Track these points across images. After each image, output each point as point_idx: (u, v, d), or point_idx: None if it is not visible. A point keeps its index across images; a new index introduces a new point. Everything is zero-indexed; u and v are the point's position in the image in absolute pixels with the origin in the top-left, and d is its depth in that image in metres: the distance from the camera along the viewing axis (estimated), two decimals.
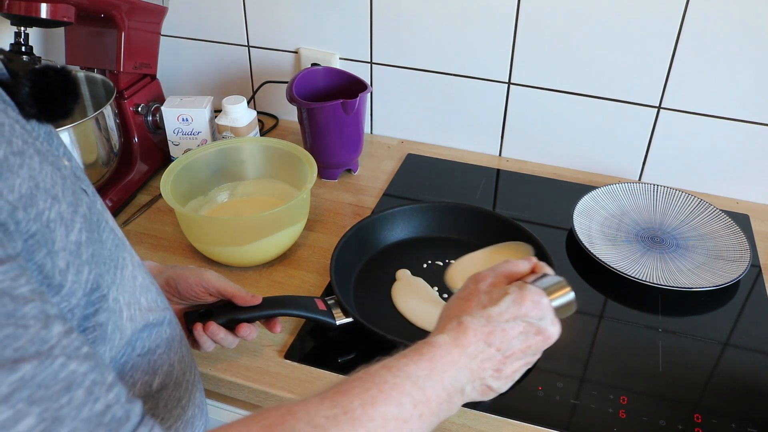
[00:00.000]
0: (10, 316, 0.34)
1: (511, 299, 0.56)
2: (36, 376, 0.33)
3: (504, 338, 0.54)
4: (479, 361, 0.53)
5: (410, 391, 0.48)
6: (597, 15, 1.04)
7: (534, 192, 1.14)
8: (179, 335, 0.60)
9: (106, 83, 1.06)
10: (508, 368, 0.55)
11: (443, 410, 0.51)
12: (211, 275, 0.71)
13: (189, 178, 0.98)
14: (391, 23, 1.16)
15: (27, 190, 0.39)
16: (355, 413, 0.44)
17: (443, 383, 0.51)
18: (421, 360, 0.51)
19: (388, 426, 0.46)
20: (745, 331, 0.87)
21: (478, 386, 0.54)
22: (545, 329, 0.56)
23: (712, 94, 1.05)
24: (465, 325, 0.54)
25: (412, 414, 0.47)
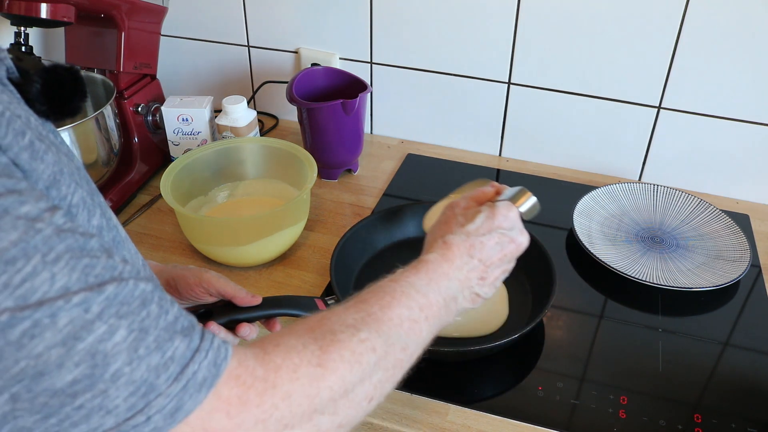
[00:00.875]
0: (83, 248, 0.38)
1: (485, 215, 0.64)
2: (118, 295, 0.38)
3: (483, 249, 0.63)
4: (465, 271, 0.62)
5: (415, 297, 0.56)
6: (597, 15, 1.04)
7: (534, 192, 1.13)
8: None
9: (106, 83, 1.06)
10: (491, 276, 0.64)
11: (443, 315, 0.59)
12: (210, 275, 0.70)
13: (189, 178, 0.98)
14: (391, 23, 1.16)
15: (51, 175, 0.40)
16: (377, 315, 0.53)
17: (439, 290, 0.59)
18: (419, 273, 0.60)
19: (403, 325, 0.54)
20: (745, 331, 0.87)
21: (468, 294, 0.63)
22: (516, 238, 0.65)
23: (712, 94, 1.05)
24: (449, 242, 0.63)
25: (419, 316, 0.56)
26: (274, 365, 0.44)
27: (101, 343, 0.37)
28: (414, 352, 0.55)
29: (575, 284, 0.94)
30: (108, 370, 0.37)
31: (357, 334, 0.49)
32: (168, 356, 0.39)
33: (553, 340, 0.85)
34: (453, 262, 0.62)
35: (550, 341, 0.84)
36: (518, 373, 0.80)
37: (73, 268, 0.37)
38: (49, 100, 0.45)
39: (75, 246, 0.37)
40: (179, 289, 0.70)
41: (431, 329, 0.57)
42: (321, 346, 0.47)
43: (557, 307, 0.89)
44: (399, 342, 0.53)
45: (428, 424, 0.73)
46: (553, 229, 1.04)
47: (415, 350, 0.55)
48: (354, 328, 0.50)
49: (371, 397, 0.50)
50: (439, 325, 0.59)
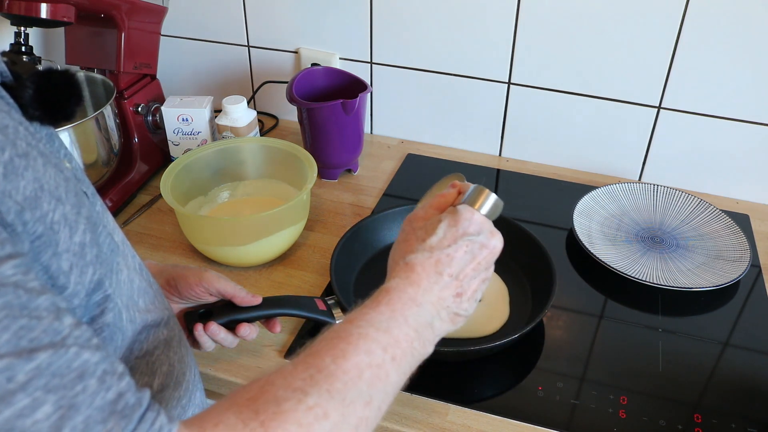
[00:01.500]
0: (24, 307, 0.34)
1: (446, 224, 0.57)
2: (51, 365, 0.34)
3: (452, 263, 0.55)
4: (436, 292, 0.55)
5: (375, 336, 0.50)
6: (597, 15, 1.04)
7: (534, 192, 1.14)
8: (178, 335, 0.60)
9: (106, 83, 1.06)
10: (467, 289, 0.57)
11: (416, 348, 0.52)
12: (211, 275, 0.71)
13: (189, 178, 0.98)
14: (391, 23, 1.16)
15: (32, 192, 0.39)
16: (329, 369, 0.46)
17: (407, 322, 0.52)
18: (380, 306, 0.53)
19: (364, 375, 0.47)
20: (745, 331, 0.87)
21: (446, 316, 0.56)
22: (487, 242, 0.57)
23: (712, 94, 1.05)
24: (411, 263, 0.56)
25: (384, 358, 0.49)
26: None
27: (19, 419, 0.33)
28: (382, 402, 0.49)
29: (575, 284, 0.94)
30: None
31: (304, 401, 0.43)
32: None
33: (553, 340, 0.85)
34: (419, 284, 0.54)
35: (550, 341, 0.84)
36: (518, 373, 0.80)
37: (5, 329, 0.33)
38: (43, 105, 0.45)
39: (15, 303, 0.34)
40: (179, 288, 0.70)
41: (402, 369, 0.51)
42: (263, 421, 0.41)
43: (557, 307, 0.89)
44: (360, 398, 0.46)
45: (428, 424, 0.73)
46: (553, 229, 1.04)
47: (383, 400, 0.49)
48: (301, 392, 0.44)
49: None
50: (415, 361, 0.53)
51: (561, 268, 0.93)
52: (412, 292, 0.54)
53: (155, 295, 0.58)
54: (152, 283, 0.59)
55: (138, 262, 0.57)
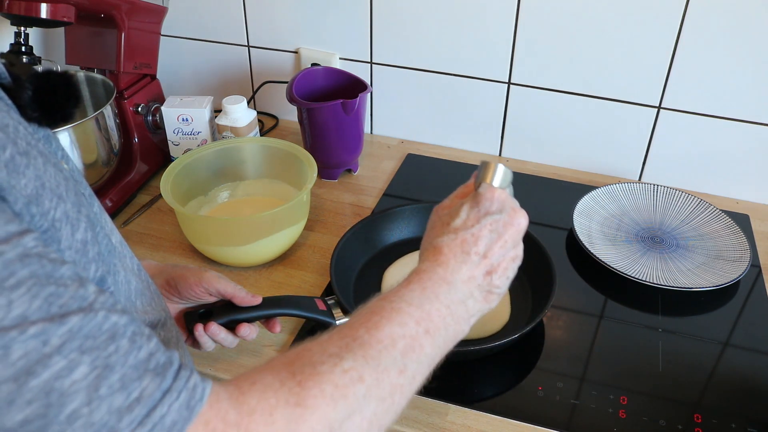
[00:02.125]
0: (50, 276, 0.35)
1: (468, 207, 0.59)
2: (83, 328, 0.35)
3: (478, 242, 0.57)
4: (465, 271, 0.56)
5: (408, 311, 0.51)
6: (597, 15, 1.04)
7: (534, 192, 1.14)
8: (175, 337, 0.60)
9: (106, 83, 1.06)
10: (498, 267, 0.58)
11: (449, 324, 0.53)
12: (210, 275, 0.71)
13: (189, 178, 0.98)
14: (391, 23, 1.16)
15: (33, 190, 0.39)
16: (363, 339, 0.47)
17: (438, 298, 0.54)
18: (411, 284, 0.55)
19: (398, 344, 0.49)
20: (745, 331, 0.87)
21: (479, 295, 0.57)
22: (511, 220, 0.58)
23: (712, 94, 1.05)
24: (438, 246, 0.57)
25: (417, 330, 0.50)
26: (248, 408, 0.40)
27: (58, 380, 0.34)
28: (417, 372, 0.50)
29: (575, 284, 0.94)
30: (63, 411, 0.33)
31: (340, 364, 0.45)
32: (134, 397, 0.36)
33: (553, 340, 0.85)
34: (447, 264, 0.56)
35: (550, 341, 0.84)
36: (518, 373, 0.80)
37: (35, 296, 0.34)
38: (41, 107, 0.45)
39: (40, 272, 0.35)
40: (179, 288, 0.70)
41: (437, 343, 0.52)
42: (299, 381, 0.43)
43: (557, 307, 0.89)
44: (394, 365, 0.48)
45: (428, 424, 0.73)
46: (553, 229, 1.04)
47: (417, 370, 0.50)
48: (337, 357, 0.45)
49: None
50: (450, 337, 0.54)
51: (561, 268, 0.93)
52: (441, 271, 0.56)
53: (152, 296, 0.58)
54: (149, 285, 0.59)
55: (136, 264, 0.57)
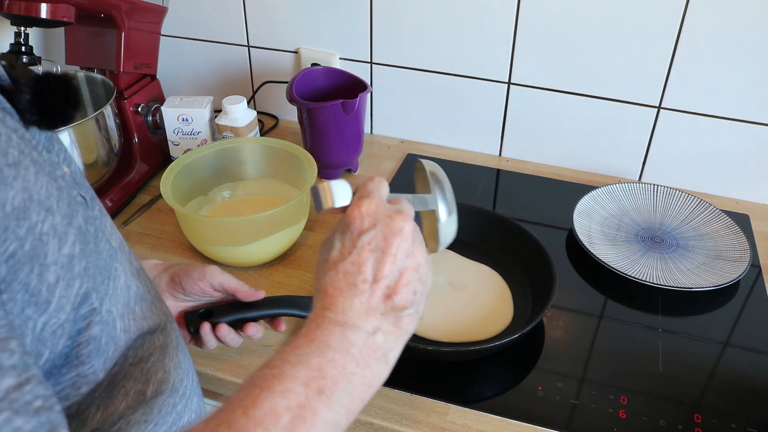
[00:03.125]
0: None
1: (339, 234, 0.51)
2: None
3: (362, 268, 0.48)
4: (359, 305, 0.48)
5: (292, 373, 0.43)
6: (597, 15, 1.04)
7: (534, 192, 1.14)
8: (175, 341, 0.59)
9: (106, 83, 1.06)
10: (397, 285, 0.49)
11: (353, 373, 0.45)
12: (213, 269, 0.71)
13: (189, 178, 0.98)
14: (391, 23, 1.16)
15: (20, 203, 0.38)
16: (239, 423, 0.40)
17: (331, 347, 0.45)
18: (298, 341, 0.47)
19: (282, 420, 0.41)
20: (745, 331, 0.87)
21: (387, 325, 0.48)
22: (390, 229, 0.49)
23: (712, 94, 1.05)
24: (321, 287, 0.50)
25: (306, 394, 0.42)
26: None
27: None
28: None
29: (575, 284, 0.94)
30: None
31: None
32: None
33: (553, 340, 0.85)
34: (335, 306, 0.48)
35: (550, 341, 0.84)
36: (518, 373, 0.80)
37: None
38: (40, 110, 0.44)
39: None
40: (183, 284, 0.70)
41: (338, 401, 0.44)
42: None
43: (557, 307, 0.89)
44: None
45: (428, 424, 0.73)
46: (553, 229, 1.04)
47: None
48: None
49: None
50: (359, 386, 0.45)
51: (561, 268, 0.93)
52: (330, 315, 0.48)
53: (153, 300, 0.57)
54: (150, 288, 0.58)
55: (136, 267, 0.57)
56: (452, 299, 0.88)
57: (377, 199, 0.51)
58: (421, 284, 0.50)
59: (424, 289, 0.51)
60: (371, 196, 0.51)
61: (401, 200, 0.53)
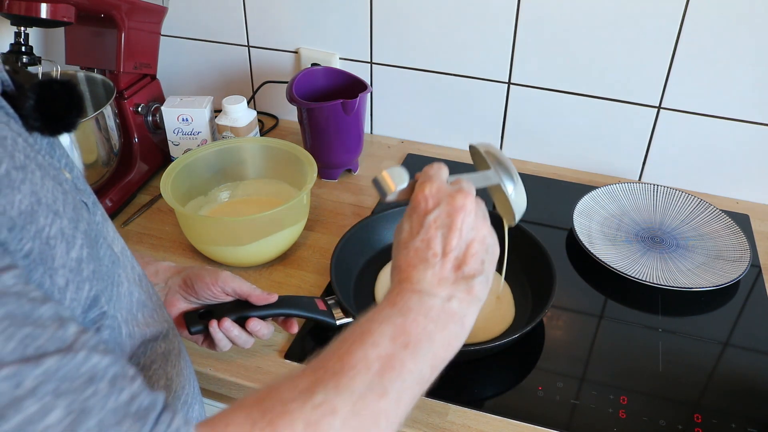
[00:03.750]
0: (28, 316, 0.34)
1: (407, 217, 0.56)
2: (59, 370, 0.34)
3: (431, 244, 0.53)
4: (431, 276, 0.52)
5: (380, 329, 0.48)
6: (597, 15, 1.04)
7: (534, 192, 1.14)
8: (177, 348, 0.59)
9: (106, 83, 1.06)
10: (465, 256, 0.54)
11: (433, 332, 0.50)
12: (226, 275, 0.71)
13: (189, 178, 0.98)
14: (391, 23, 1.16)
15: (28, 206, 0.38)
16: (335, 368, 0.45)
17: (412, 310, 0.50)
18: (380, 307, 0.52)
19: (372, 367, 0.46)
20: (745, 331, 0.87)
21: (460, 293, 0.53)
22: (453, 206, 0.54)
23: (712, 94, 1.05)
24: (397, 266, 0.55)
25: (393, 347, 0.47)
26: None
27: (30, 425, 0.32)
28: (402, 391, 0.46)
29: (575, 284, 0.94)
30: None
31: (311, 400, 0.42)
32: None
33: (553, 340, 0.85)
34: (411, 278, 0.53)
35: (550, 341, 0.84)
36: (518, 373, 0.80)
37: (10, 337, 0.33)
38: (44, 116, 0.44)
39: (17, 312, 0.34)
40: (196, 288, 0.71)
41: (421, 356, 0.48)
42: (270, 420, 0.41)
43: (557, 307, 0.89)
44: (372, 390, 0.44)
45: (428, 424, 0.73)
46: (553, 229, 1.04)
47: (402, 389, 0.46)
48: (307, 392, 0.43)
49: None
50: (439, 345, 0.50)
51: (561, 268, 0.93)
52: (408, 286, 0.52)
53: (154, 307, 0.57)
54: (152, 295, 0.58)
55: (138, 273, 0.57)
56: None
57: (438, 181, 0.56)
58: (487, 254, 0.55)
59: (491, 259, 0.56)
60: (432, 179, 0.56)
61: (461, 180, 0.57)
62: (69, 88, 0.47)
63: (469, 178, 0.59)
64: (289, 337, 0.83)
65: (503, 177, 0.61)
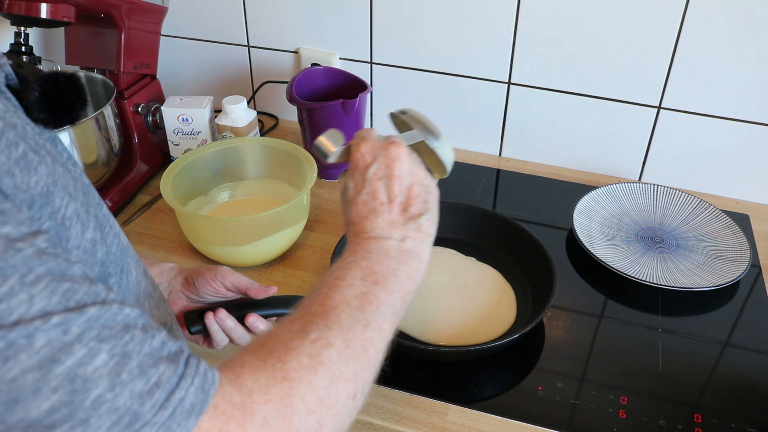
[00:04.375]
0: (64, 273, 0.36)
1: (349, 176, 0.61)
2: (100, 318, 0.36)
3: (376, 194, 0.58)
4: (382, 222, 0.58)
5: (350, 273, 0.53)
6: (597, 15, 1.04)
7: (534, 192, 1.14)
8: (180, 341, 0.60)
9: (106, 83, 1.06)
10: (409, 198, 0.59)
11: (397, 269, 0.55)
12: (225, 269, 0.73)
13: (189, 178, 0.98)
14: (391, 23, 1.16)
15: (44, 188, 0.39)
16: (319, 311, 0.50)
17: (372, 252, 0.55)
18: (343, 257, 0.56)
19: (352, 304, 0.50)
20: (745, 331, 0.87)
21: (411, 232, 0.58)
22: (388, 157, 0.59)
23: (712, 94, 1.05)
24: (349, 220, 0.60)
25: (364, 286, 0.52)
26: (247, 389, 0.42)
27: (81, 367, 0.35)
28: (382, 321, 0.51)
29: (575, 284, 0.94)
30: (88, 397, 0.34)
31: (307, 336, 0.47)
32: (153, 382, 0.37)
33: (553, 340, 0.85)
34: (364, 227, 0.58)
35: (550, 341, 0.84)
36: (518, 373, 0.80)
37: (53, 291, 0.35)
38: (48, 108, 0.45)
39: (56, 270, 0.36)
40: (197, 285, 0.72)
41: (391, 289, 0.54)
42: (279, 357, 0.44)
43: (557, 307, 0.89)
44: (356, 323, 0.49)
45: (428, 424, 0.73)
46: (553, 229, 1.04)
47: (382, 319, 0.51)
48: (302, 332, 0.47)
49: (353, 394, 0.47)
50: (404, 277, 0.55)
51: (561, 268, 0.93)
52: (363, 234, 0.57)
53: (158, 300, 0.58)
54: (155, 288, 0.59)
55: (142, 267, 0.57)
56: (454, 299, 0.88)
57: (371, 139, 0.61)
58: (428, 194, 0.61)
59: (433, 198, 0.61)
60: (366, 138, 0.61)
61: (391, 136, 0.62)
62: (73, 81, 0.47)
63: (397, 137, 0.63)
64: None
65: (426, 133, 0.67)
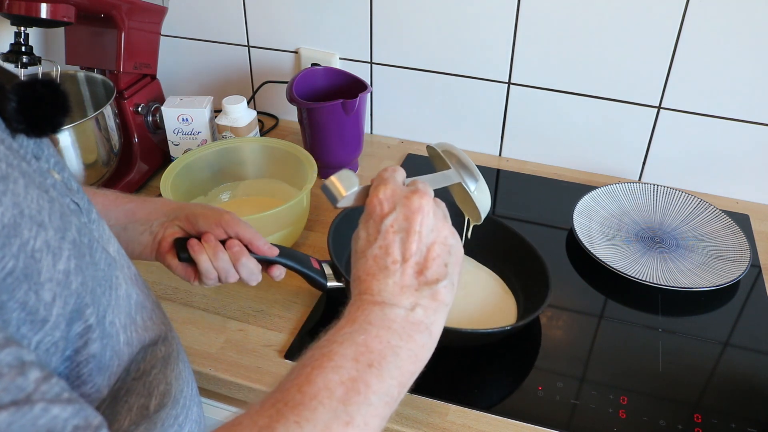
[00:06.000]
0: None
1: (363, 224, 0.53)
2: (13, 424, 0.31)
3: (389, 251, 0.50)
4: (392, 284, 0.49)
5: (341, 351, 0.45)
6: (597, 15, 1.04)
7: (534, 192, 1.14)
8: (176, 350, 0.58)
9: (106, 83, 1.06)
10: (427, 260, 0.51)
11: (399, 346, 0.47)
12: (231, 217, 0.68)
13: (189, 178, 0.98)
14: (391, 23, 1.16)
15: (10, 219, 0.36)
16: (296, 399, 0.42)
17: (373, 325, 0.47)
18: (339, 324, 0.49)
19: (335, 394, 0.43)
20: (745, 331, 0.87)
21: (424, 300, 0.50)
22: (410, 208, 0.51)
23: (712, 94, 1.05)
24: (356, 275, 0.52)
25: (358, 368, 0.44)
26: None
27: None
28: (369, 416, 0.43)
29: (575, 284, 0.94)
30: None
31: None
32: None
33: (553, 340, 0.85)
34: (371, 289, 0.49)
35: (549, 341, 0.84)
36: (518, 373, 0.80)
37: None
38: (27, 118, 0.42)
39: None
40: (199, 225, 0.68)
41: (388, 373, 0.46)
42: None
43: (557, 307, 0.89)
44: (336, 419, 0.42)
45: (428, 424, 0.73)
46: (553, 229, 1.04)
47: (369, 413, 0.44)
48: (268, 429, 0.41)
49: None
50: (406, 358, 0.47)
51: (561, 268, 0.93)
52: (368, 298, 0.49)
53: (153, 308, 0.56)
54: (149, 294, 0.57)
55: (134, 272, 0.56)
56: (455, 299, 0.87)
57: (393, 184, 0.53)
58: (450, 256, 0.52)
59: (454, 261, 0.52)
60: (387, 181, 0.53)
61: (417, 181, 0.54)
62: (53, 88, 0.44)
63: (426, 178, 0.56)
64: (288, 338, 0.83)
65: (464, 175, 0.59)
